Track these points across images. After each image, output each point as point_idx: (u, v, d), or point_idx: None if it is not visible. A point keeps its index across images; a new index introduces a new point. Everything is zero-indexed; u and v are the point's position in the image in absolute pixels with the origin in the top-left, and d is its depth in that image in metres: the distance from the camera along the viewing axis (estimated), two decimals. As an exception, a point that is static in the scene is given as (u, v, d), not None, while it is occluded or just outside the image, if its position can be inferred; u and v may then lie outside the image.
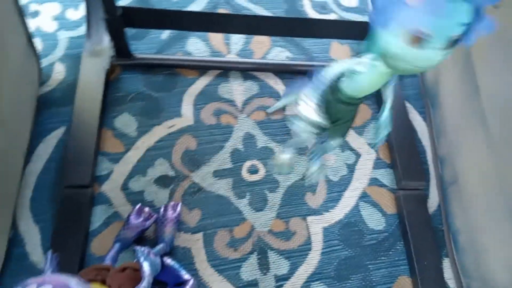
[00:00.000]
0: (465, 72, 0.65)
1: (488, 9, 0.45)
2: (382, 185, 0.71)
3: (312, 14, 0.86)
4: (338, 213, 0.68)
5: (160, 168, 0.67)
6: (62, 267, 0.48)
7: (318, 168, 0.64)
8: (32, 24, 0.77)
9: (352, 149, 0.74)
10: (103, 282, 0.44)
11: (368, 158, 0.74)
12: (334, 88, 0.45)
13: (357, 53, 0.42)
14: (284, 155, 0.64)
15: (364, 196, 0.70)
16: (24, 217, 0.61)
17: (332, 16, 0.86)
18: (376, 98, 0.79)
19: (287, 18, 0.77)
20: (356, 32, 0.72)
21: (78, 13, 0.79)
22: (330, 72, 0.43)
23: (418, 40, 0.31)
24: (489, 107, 0.58)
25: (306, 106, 0.45)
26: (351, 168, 0.72)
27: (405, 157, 0.73)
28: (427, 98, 0.80)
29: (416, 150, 0.74)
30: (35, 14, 0.78)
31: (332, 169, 0.71)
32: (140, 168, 0.66)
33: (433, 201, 0.71)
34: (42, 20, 0.78)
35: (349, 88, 0.43)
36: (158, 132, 0.70)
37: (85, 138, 0.64)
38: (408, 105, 0.80)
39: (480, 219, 0.59)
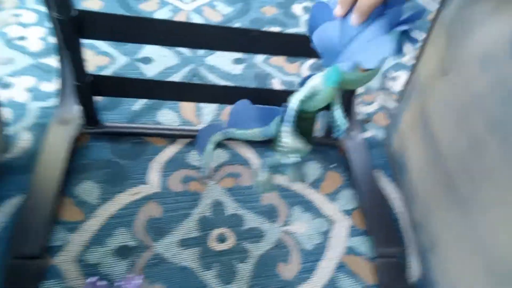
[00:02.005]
0: (426, 137, 0.68)
1: (439, 76, 0.49)
2: (359, 254, 0.68)
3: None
4: (314, 285, 0.63)
5: (120, 238, 0.62)
6: None
7: (266, 177, 0.61)
8: (5, 94, 0.77)
9: (325, 216, 0.72)
10: None
11: (342, 225, 0.71)
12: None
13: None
14: (265, 173, 0.60)
15: (341, 266, 0.66)
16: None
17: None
18: (346, 167, 0.80)
19: (257, 89, 0.81)
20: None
21: (51, 85, 0.81)
22: (295, 100, 0.45)
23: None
24: (453, 166, 0.59)
25: (290, 139, 0.47)
26: (326, 236, 0.69)
27: (379, 224, 0.71)
28: (395, 165, 0.82)
29: (390, 217, 0.73)
30: (8, 85, 0.79)
31: (305, 237, 0.68)
32: (99, 238, 0.62)
33: (414, 269, 0.68)
34: (15, 91, 0.78)
35: (307, 105, 0.46)
36: (122, 200, 0.66)
37: (41, 205, 0.60)
38: (378, 173, 0.81)
39: (462, 284, 0.56)
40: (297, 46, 0.66)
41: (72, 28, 0.58)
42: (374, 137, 0.87)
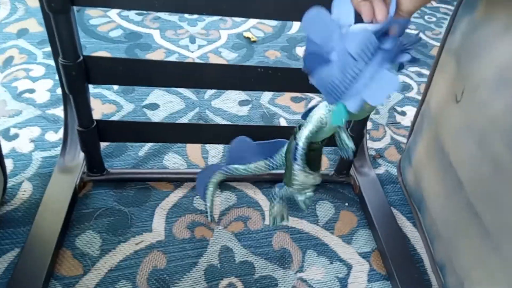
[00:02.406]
0: (443, 167, 0.64)
1: (451, 103, 0.48)
2: (380, 301, 0.62)
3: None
4: None
5: (122, 291, 0.58)
6: None
7: (278, 209, 0.57)
8: (9, 146, 0.77)
9: (341, 260, 0.66)
10: None
11: (360, 269, 0.66)
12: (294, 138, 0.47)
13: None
14: (277, 205, 0.57)
15: (362, 316, 0.60)
16: None
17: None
18: (361, 205, 0.76)
19: (265, 127, 0.79)
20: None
21: (57, 135, 0.81)
22: (303, 138, 0.44)
23: None
24: (476, 194, 0.55)
25: (305, 178, 0.46)
26: (344, 283, 0.63)
27: (401, 267, 0.65)
28: (413, 202, 0.77)
29: (412, 259, 0.67)
30: (14, 137, 0.79)
31: (322, 284, 0.63)
32: (99, 293, 0.57)
33: (443, 316, 0.61)
34: (19, 142, 0.78)
35: (314, 138, 0.45)
36: (124, 250, 0.63)
37: (38, 260, 0.57)
38: (395, 211, 0.76)
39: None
40: (303, 81, 0.65)
41: (78, 73, 0.58)
42: (386, 173, 0.83)
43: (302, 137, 0.44)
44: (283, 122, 0.92)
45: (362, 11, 0.39)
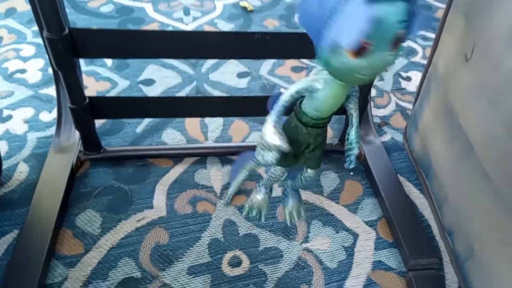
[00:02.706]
0: (452, 131, 0.61)
1: (461, 63, 0.42)
2: (388, 268, 0.61)
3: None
4: (341, 308, 0.56)
5: (125, 269, 0.57)
6: None
7: (293, 205, 0.56)
8: (2, 127, 0.75)
9: (347, 229, 0.65)
10: None
11: (367, 238, 0.64)
12: (297, 112, 0.44)
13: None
14: (258, 196, 0.56)
15: (369, 284, 0.59)
16: None
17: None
18: (366, 174, 0.74)
19: (266, 97, 0.76)
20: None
21: (51, 115, 0.78)
22: (288, 92, 0.41)
23: (361, 51, 0.30)
24: (489, 158, 0.52)
25: (268, 131, 0.42)
26: (350, 252, 0.62)
27: (409, 234, 0.63)
28: (420, 168, 0.75)
29: (420, 225, 0.65)
30: (8, 118, 0.77)
31: (328, 254, 0.61)
32: (101, 271, 0.56)
33: (451, 281, 0.60)
34: (13, 123, 0.76)
35: (311, 107, 0.42)
36: (125, 227, 0.62)
37: (38, 240, 0.56)
38: (401, 178, 0.74)
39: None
40: (304, 47, 0.62)
41: (64, 47, 0.55)
42: (392, 140, 0.81)
43: (287, 91, 0.41)
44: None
45: None
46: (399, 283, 0.59)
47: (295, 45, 0.62)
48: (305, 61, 0.97)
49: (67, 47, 0.56)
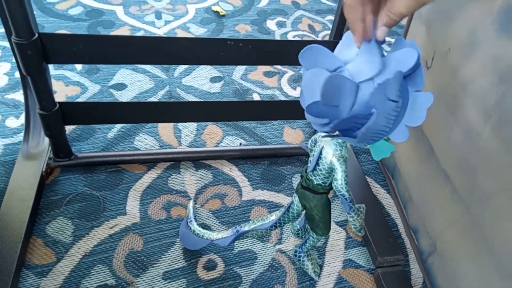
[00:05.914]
0: (415, 135, 0.65)
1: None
2: (358, 266, 0.63)
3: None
4: (314, 306, 0.58)
5: (98, 277, 0.56)
6: None
7: (311, 265, 0.60)
8: (-34, 135, 0.72)
9: (319, 230, 0.67)
10: None
11: (338, 237, 0.67)
12: (302, 176, 0.49)
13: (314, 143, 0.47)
14: (307, 260, 0.61)
15: (340, 281, 0.61)
16: None
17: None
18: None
19: (238, 102, 0.77)
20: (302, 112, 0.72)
21: (18, 121, 0.76)
22: (343, 185, 0.45)
23: None
24: (448, 161, 0.56)
25: (357, 218, 0.48)
26: (321, 251, 0.64)
27: (376, 233, 0.66)
28: (386, 170, 0.78)
29: (387, 224, 0.68)
30: (-29, 125, 0.74)
31: (300, 255, 0.63)
32: (74, 280, 0.56)
33: (417, 277, 0.63)
34: (-23, 130, 0.74)
35: (322, 179, 0.47)
36: (98, 234, 0.61)
37: (7, 250, 0.55)
38: (369, 179, 0.77)
39: (470, 285, 0.51)
40: (275, 53, 0.64)
41: (34, 52, 0.54)
42: (361, 143, 0.84)
43: (343, 186, 0.45)
44: (256, 97, 0.90)
45: (356, 30, 0.35)
46: (368, 280, 0.62)
47: (267, 52, 0.64)
48: (277, 66, 0.99)
49: (37, 52, 0.55)
